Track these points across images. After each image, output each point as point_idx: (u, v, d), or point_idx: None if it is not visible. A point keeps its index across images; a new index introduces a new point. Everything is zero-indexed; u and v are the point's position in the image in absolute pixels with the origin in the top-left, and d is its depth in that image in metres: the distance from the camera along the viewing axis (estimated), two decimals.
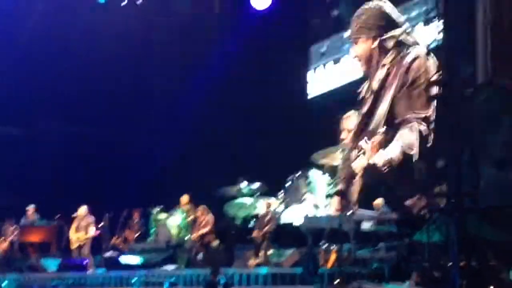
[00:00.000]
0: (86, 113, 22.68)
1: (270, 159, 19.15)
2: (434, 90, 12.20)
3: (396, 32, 13.98)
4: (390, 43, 13.97)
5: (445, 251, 11.60)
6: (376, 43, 13.60)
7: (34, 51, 21.96)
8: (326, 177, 16.87)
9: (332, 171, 17.04)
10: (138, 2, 22.10)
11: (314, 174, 16.78)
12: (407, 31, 13.76)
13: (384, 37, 13.57)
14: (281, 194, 16.99)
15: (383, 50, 13.98)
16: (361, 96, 16.02)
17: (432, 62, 12.13)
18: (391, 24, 14.10)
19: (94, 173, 22.38)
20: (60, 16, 21.81)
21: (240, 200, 17.75)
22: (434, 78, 11.96)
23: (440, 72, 11.91)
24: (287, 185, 17.14)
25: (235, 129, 20.81)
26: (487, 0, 11.37)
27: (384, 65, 13.60)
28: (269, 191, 17.66)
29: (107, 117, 22.80)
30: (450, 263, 11.35)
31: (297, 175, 17.00)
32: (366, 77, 14.90)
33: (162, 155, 23.08)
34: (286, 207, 16.66)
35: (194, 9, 22.49)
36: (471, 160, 11.83)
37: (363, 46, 14.25)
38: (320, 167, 17.05)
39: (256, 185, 17.85)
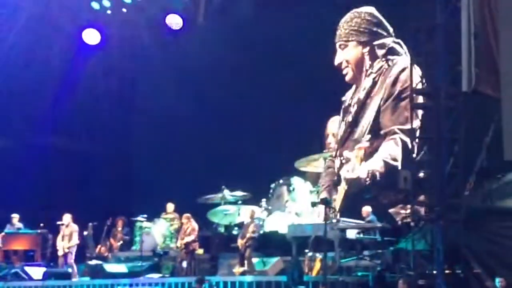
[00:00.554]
0: (70, 126, 22.65)
1: (253, 167, 19.11)
2: (419, 100, 12.23)
3: (387, 40, 13.95)
4: (381, 51, 13.89)
5: (430, 259, 11.66)
6: (367, 48, 13.52)
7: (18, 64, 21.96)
8: (308, 185, 16.94)
9: (314, 178, 17.11)
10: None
11: (296, 182, 16.83)
12: (395, 40, 13.74)
13: (376, 42, 13.49)
14: (264, 202, 17.03)
15: (373, 57, 13.91)
16: (346, 103, 16.08)
17: (418, 73, 12.14)
18: (383, 30, 14.05)
19: (78, 182, 22.30)
20: (43, 29, 21.83)
21: (223, 207, 17.73)
22: (419, 87, 12.01)
23: (424, 82, 11.96)
24: (270, 192, 17.19)
25: (217, 137, 20.75)
26: (471, 10, 11.42)
27: (370, 73, 13.59)
28: (252, 198, 17.66)
29: (91, 129, 22.79)
30: (435, 271, 11.43)
31: (280, 182, 17.05)
32: (351, 84, 14.93)
33: (145, 164, 23.05)
34: (269, 214, 16.69)
35: None
36: (455, 169, 11.89)
37: (354, 50, 14.09)
38: (303, 174, 17.12)
39: (239, 192, 17.84)
